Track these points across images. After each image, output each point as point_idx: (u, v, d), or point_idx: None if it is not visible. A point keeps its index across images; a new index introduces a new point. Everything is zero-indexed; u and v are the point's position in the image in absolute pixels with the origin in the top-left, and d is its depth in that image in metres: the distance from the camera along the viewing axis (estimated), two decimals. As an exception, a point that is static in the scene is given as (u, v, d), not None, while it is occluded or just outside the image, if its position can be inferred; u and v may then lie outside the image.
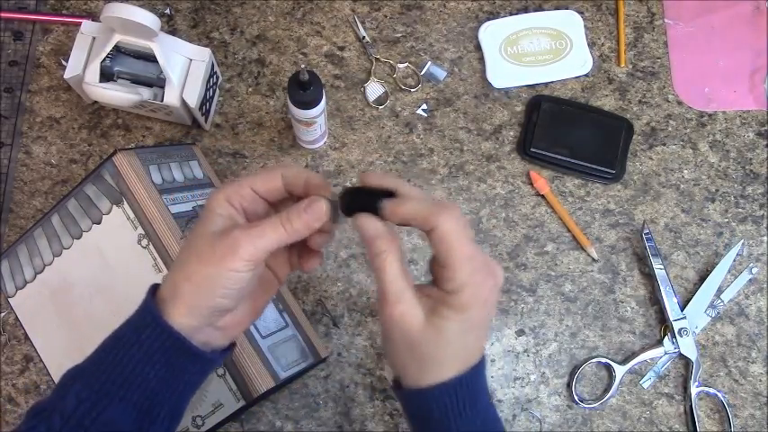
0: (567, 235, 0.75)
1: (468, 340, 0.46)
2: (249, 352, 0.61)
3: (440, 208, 0.44)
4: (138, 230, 0.64)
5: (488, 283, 0.46)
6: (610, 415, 0.72)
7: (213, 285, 0.45)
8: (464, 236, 0.44)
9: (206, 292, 0.45)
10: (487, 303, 0.46)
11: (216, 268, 0.45)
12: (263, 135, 0.77)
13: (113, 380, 0.45)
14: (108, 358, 0.46)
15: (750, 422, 0.72)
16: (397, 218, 0.46)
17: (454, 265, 0.44)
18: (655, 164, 0.78)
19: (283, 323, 0.67)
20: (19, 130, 0.77)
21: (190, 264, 0.46)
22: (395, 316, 0.45)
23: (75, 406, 0.45)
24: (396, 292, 0.45)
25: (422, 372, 0.46)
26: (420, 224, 0.45)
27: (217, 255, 0.45)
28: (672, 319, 0.72)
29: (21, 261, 0.70)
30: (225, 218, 0.47)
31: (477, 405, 0.47)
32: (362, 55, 0.79)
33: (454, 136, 0.78)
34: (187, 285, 0.45)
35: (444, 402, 0.46)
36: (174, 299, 0.46)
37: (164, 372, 0.46)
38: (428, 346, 0.45)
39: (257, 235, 0.45)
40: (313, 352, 0.68)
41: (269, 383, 0.61)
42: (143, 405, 0.46)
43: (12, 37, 0.80)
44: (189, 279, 0.45)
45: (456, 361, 0.46)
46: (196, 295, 0.46)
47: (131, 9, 0.64)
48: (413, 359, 0.46)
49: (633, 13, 0.82)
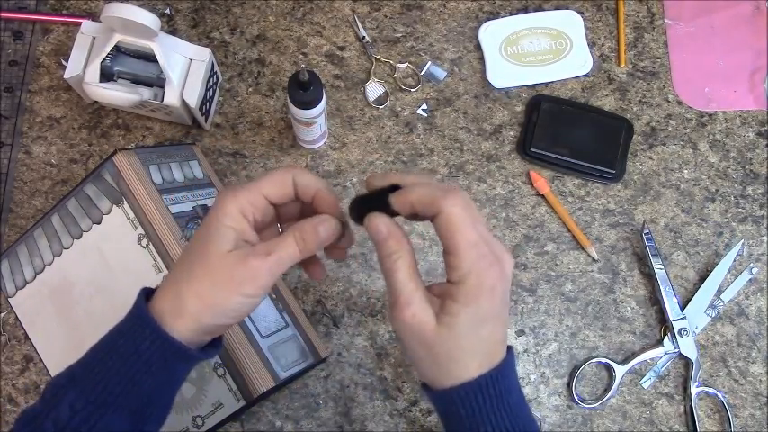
0: (567, 235, 0.76)
1: (482, 334, 0.44)
2: (249, 352, 0.61)
3: (444, 192, 0.43)
4: (138, 230, 0.64)
5: (494, 269, 0.43)
6: (610, 415, 0.72)
7: (225, 308, 0.45)
8: (469, 220, 0.43)
9: (217, 313, 0.45)
10: (495, 291, 0.43)
11: (231, 294, 0.45)
12: (263, 135, 0.77)
13: (110, 390, 0.45)
14: (103, 367, 0.45)
15: (750, 422, 0.72)
16: (406, 207, 0.45)
17: (458, 251, 0.43)
18: (655, 164, 0.78)
19: (283, 323, 0.67)
20: (19, 130, 0.77)
21: (201, 281, 0.45)
22: (407, 319, 0.44)
23: (69, 415, 0.44)
24: (407, 295, 0.44)
25: (443, 372, 0.45)
26: (425, 209, 0.44)
27: (235, 281, 0.44)
28: (672, 319, 0.72)
29: (21, 261, 0.70)
30: (238, 233, 0.46)
31: (506, 403, 0.45)
32: (362, 55, 0.79)
33: (454, 136, 0.78)
34: (197, 303, 0.45)
35: (470, 402, 0.45)
36: (180, 313, 0.45)
37: (161, 377, 0.46)
38: (443, 346, 0.44)
39: (276, 262, 0.45)
40: (313, 352, 0.68)
41: (269, 383, 0.61)
42: (138, 409, 0.46)
43: (12, 37, 0.80)
44: (200, 297, 0.45)
45: (475, 358, 0.44)
46: (205, 314, 0.45)
47: (131, 9, 0.64)
48: (432, 361, 0.45)
49: (633, 13, 0.82)
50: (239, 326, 0.62)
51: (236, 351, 0.61)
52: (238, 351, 0.61)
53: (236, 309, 0.45)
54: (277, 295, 0.68)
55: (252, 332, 0.63)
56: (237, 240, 0.46)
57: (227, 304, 0.45)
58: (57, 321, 0.68)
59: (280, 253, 0.45)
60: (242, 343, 0.61)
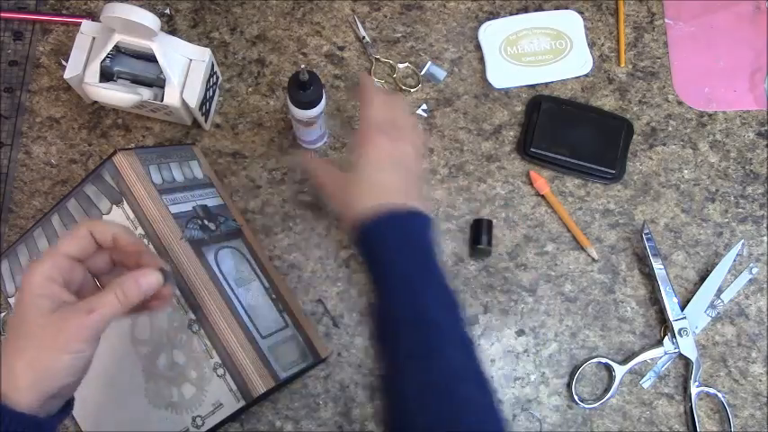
0: (567, 235, 0.75)
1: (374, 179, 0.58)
2: (249, 352, 0.61)
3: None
4: (138, 230, 0.64)
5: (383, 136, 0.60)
6: (610, 415, 0.72)
7: (57, 369, 0.46)
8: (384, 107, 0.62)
9: (51, 377, 0.47)
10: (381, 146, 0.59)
11: (59, 354, 0.46)
12: (263, 135, 0.77)
13: None
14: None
15: (750, 422, 0.72)
16: None
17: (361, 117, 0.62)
18: (655, 164, 0.78)
19: (283, 323, 0.67)
20: (19, 130, 0.77)
21: (28, 350, 0.46)
22: None
23: None
24: None
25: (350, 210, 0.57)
26: None
27: (59, 341, 0.46)
28: (672, 319, 0.72)
29: (21, 261, 0.70)
30: (51, 299, 0.47)
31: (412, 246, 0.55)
32: (362, 55, 0.79)
33: (454, 136, 0.78)
34: (30, 372, 0.46)
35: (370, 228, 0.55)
36: (18, 386, 0.46)
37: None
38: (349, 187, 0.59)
39: (98, 319, 0.47)
40: (313, 352, 0.68)
41: (269, 383, 0.61)
42: None
43: (12, 37, 0.80)
44: (31, 366, 0.46)
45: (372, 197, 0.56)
46: (42, 381, 0.46)
47: (131, 9, 0.64)
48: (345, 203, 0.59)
49: (633, 13, 0.82)
50: (239, 326, 0.62)
51: (236, 351, 0.61)
52: (238, 351, 0.61)
53: (69, 367, 0.47)
54: (277, 296, 0.68)
55: (252, 332, 0.63)
56: (53, 305, 0.47)
57: (58, 365, 0.46)
58: None
59: (101, 310, 0.47)
60: (242, 343, 0.61)
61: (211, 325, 0.61)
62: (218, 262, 0.65)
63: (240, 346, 0.61)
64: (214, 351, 0.62)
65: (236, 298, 0.64)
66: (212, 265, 0.64)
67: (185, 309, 0.62)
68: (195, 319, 0.62)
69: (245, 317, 0.63)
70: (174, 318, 0.63)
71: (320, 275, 0.74)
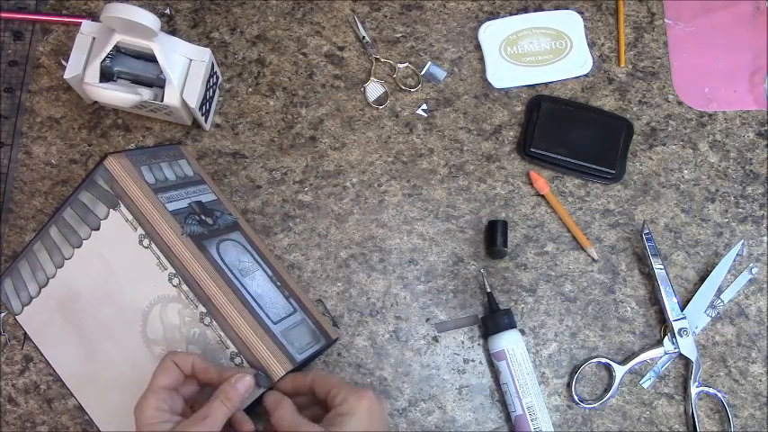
0: (567, 235, 0.76)
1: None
2: (264, 338, 0.62)
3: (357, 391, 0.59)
4: (138, 231, 0.64)
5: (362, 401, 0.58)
6: (610, 415, 0.72)
7: None
8: None
9: None
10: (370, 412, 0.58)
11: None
12: (263, 135, 0.77)
13: None
14: None
15: (750, 422, 0.72)
16: None
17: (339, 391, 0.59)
18: (655, 164, 0.78)
19: (291, 309, 0.67)
20: (19, 130, 0.77)
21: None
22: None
23: None
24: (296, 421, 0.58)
25: None
26: None
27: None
28: (672, 319, 0.72)
29: (23, 277, 0.70)
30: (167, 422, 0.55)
31: None
32: (362, 55, 0.79)
33: (454, 136, 0.78)
34: None
35: None
36: None
37: None
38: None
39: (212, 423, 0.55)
40: (324, 334, 0.68)
41: (287, 366, 0.61)
42: None
43: (12, 37, 0.80)
44: None
45: None
46: None
47: (131, 9, 0.64)
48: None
49: (633, 13, 0.82)
50: (250, 314, 0.62)
51: (251, 339, 0.61)
52: (253, 339, 0.61)
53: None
54: (281, 282, 0.68)
55: (264, 319, 0.63)
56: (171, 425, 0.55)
57: None
58: (67, 332, 0.68)
59: (214, 414, 0.55)
60: (256, 330, 0.62)
61: (223, 316, 0.62)
62: (220, 254, 0.65)
63: (254, 333, 0.61)
64: (229, 341, 0.62)
65: (244, 288, 0.64)
66: (216, 258, 0.64)
67: (195, 303, 0.63)
68: (206, 312, 0.62)
69: (254, 305, 0.63)
70: (184, 313, 0.63)
71: (320, 275, 0.74)
